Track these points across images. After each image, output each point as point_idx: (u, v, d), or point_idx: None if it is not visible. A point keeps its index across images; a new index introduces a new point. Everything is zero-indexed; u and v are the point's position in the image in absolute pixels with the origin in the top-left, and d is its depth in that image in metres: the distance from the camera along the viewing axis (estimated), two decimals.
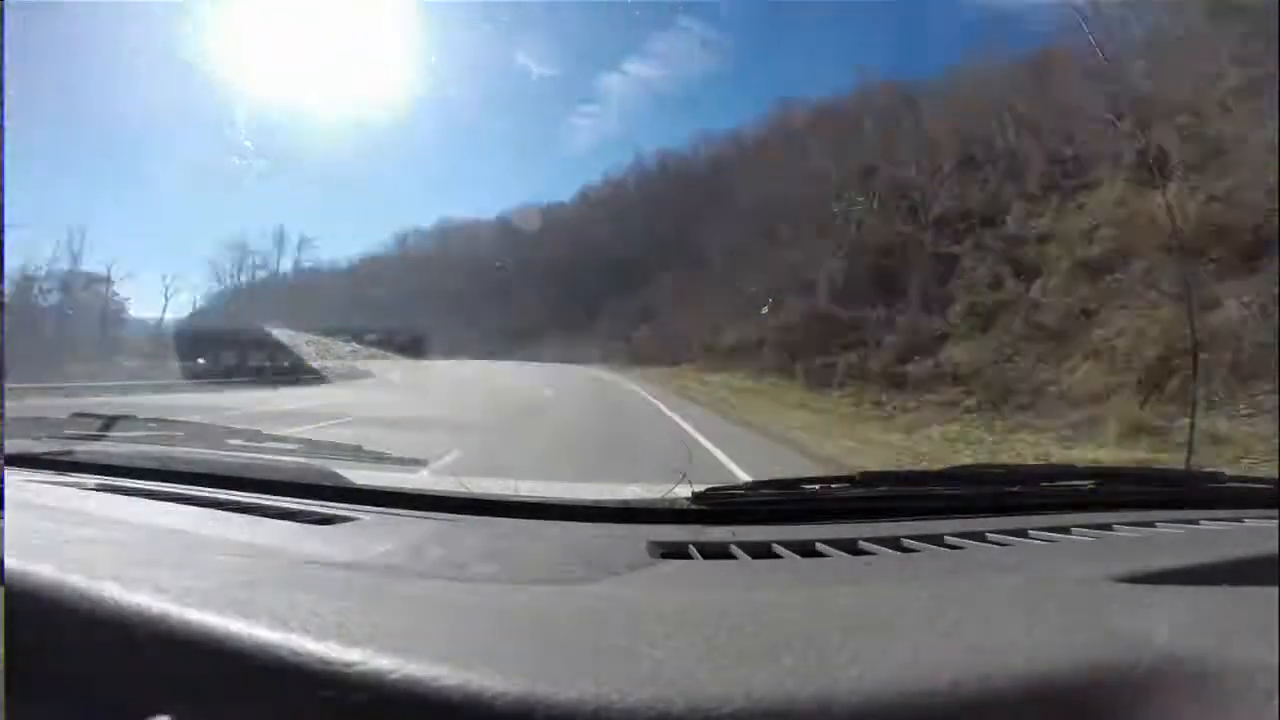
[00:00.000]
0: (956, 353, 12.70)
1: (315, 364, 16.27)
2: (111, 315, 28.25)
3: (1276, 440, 6.01)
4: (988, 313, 13.15)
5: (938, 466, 1.14)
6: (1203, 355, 7.18)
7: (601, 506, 0.95)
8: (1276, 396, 6.70)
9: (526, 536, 0.85)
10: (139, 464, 1.24)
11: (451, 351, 26.48)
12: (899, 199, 17.63)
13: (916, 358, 13.37)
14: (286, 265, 39.03)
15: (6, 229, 0.94)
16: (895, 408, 11.96)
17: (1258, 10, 9.69)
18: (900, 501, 1.01)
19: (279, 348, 17.57)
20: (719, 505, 0.94)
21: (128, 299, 29.04)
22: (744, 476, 2.92)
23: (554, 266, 36.61)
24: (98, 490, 1.08)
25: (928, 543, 0.81)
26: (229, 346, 19.61)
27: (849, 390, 13.78)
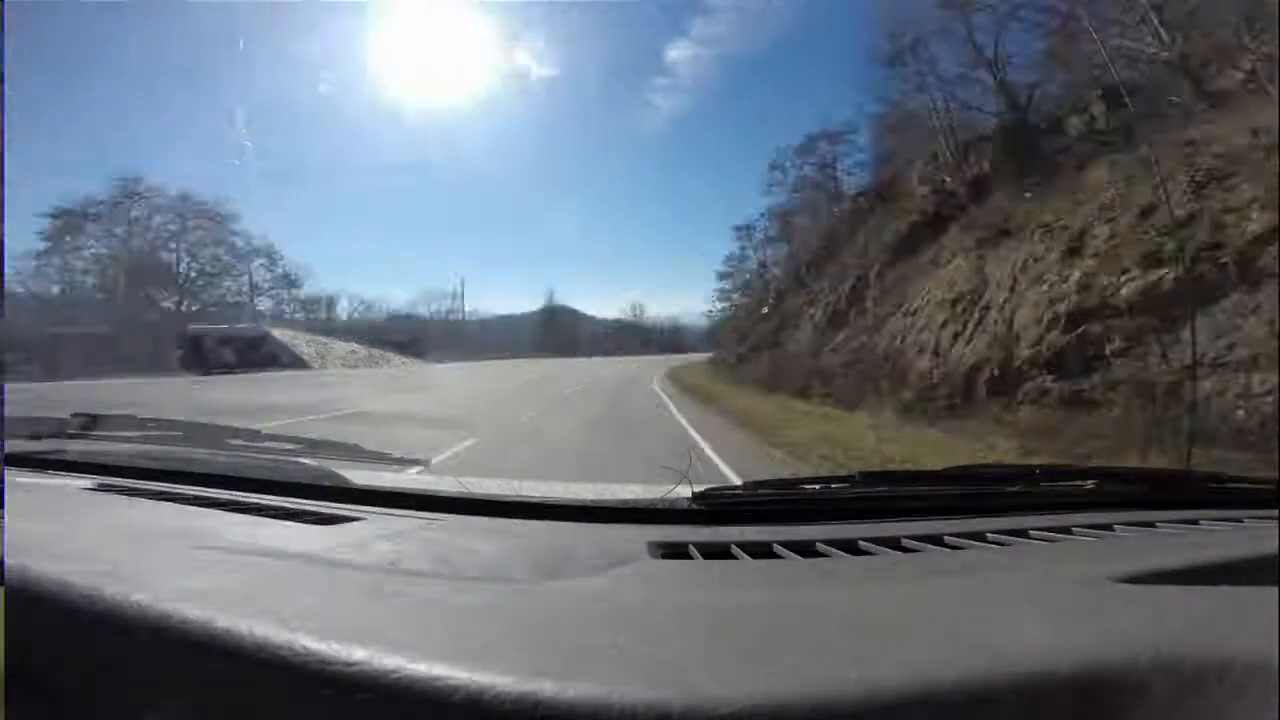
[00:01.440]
0: None
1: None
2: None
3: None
4: None
5: (938, 466, 1.14)
6: None
7: (602, 506, 0.95)
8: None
9: (527, 536, 0.85)
10: (139, 464, 1.24)
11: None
12: None
13: None
14: None
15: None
16: None
17: None
18: (900, 501, 1.01)
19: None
20: (719, 505, 0.94)
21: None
22: None
23: None
24: (98, 490, 1.08)
25: (928, 543, 0.81)
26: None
27: None
